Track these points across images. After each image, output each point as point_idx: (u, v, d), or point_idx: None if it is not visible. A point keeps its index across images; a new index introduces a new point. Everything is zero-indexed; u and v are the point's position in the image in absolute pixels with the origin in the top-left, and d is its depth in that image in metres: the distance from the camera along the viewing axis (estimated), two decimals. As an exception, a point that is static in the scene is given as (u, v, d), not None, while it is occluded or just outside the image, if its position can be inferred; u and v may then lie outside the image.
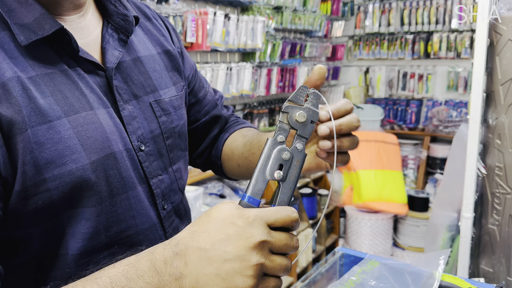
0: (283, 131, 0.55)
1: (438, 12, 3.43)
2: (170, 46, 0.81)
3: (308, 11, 3.26)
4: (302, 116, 0.55)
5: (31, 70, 0.57)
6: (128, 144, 0.64)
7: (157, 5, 2.04)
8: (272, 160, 0.53)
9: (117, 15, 0.69)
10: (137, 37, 0.75)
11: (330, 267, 0.86)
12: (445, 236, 1.82)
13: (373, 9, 3.72)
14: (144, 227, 0.66)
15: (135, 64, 0.71)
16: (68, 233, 0.59)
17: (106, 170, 0.60)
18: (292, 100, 0.56)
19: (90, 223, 0.60)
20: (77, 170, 0.57)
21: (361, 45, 3.88)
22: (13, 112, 0.53)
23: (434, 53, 3.50)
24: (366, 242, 3.06)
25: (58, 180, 0.56)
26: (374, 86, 3.85)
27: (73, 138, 0.58)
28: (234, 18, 2.41)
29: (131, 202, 0.64)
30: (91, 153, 0.59)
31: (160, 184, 0.69)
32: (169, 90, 0.76)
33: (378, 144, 3.24)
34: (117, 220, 0.63)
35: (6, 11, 0.57)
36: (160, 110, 0.72)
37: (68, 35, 0.60)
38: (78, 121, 0.59)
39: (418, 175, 3.50)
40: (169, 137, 0.73)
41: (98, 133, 0.60)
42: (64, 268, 0.60)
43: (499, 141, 1.28)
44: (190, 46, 2.24)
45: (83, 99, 0.61)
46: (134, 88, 0.69)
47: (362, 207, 3.07)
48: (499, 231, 1.28)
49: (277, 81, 2.98)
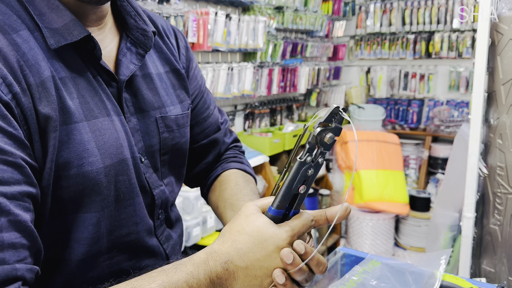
0: (311, 150, 0.60)
1: (439, 12, 3.42)
2: (178, 65, 0.82)
3: (309, 11, 3.26)
4: (331, 139, 0.59)
5: (61, 71, 0.60)
6: (135, 152, 0.67)
7: (158, 5, 2.04)
8: (299, 178, 0.58)
9: (137, 30, 0.71)
10: (150, 54, 0.77)
11: (331, 267, 0.86)
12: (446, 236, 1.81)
13: (374, 9, 3.72)
14: (144, 234, 0.69)
15: (145, 80, 0.73)
16: (73, 238, 0.61)
17: (117, 175, 0.63)
18: (324, 122, 0.60)
19: (96, 228, 0.62)
20: (92, 172, 0.60)
21: (363, 45, 3.88)
22: (50, 110, 0.56)
23: (435, 53, 3.50)
24: (368, 242, 3.05)
25: (72, 180, 0.58)
26: (375, 86, 3.85)
27: (91, 142, 0.60)
28: (235, 18, 2.41)
29: (135, 208, 0.67)
30: (106, 158, 0.61)
31: (162, 195, 0.73)
32: (175, 108, 0.77)
33: (379, 144, 3.23)
34: (119, 225, 0.65)
35: (38, 15, 0.60)
36: (164, 127, 0.74)
37: (93, 42, 0.63)
38: (96, 125, 0.62)
39: (420, 175, 3.50)
40: (166, 153, 0.75)
41: (113, 139, 0.63)
42: (67, 273, 0.62)
43: (500, 141, 1.28)
44: (192, 46, 2.25)
45: (101, 105, 0.64)
46: (142, 102, 0.71)
47: (363, 207, 3.07)
48: (501, 231, 1.28)
49: (278, 81, 2.98)
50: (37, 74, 0.56)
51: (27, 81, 0.55)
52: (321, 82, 3.59)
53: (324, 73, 3.62)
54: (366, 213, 3.07)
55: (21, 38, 0.57)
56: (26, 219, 0.51)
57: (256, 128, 2.96)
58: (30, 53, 0.57)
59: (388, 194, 3.03)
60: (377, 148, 3.21)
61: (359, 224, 3.08)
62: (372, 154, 3.17)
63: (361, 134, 3.28)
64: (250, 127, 2.94)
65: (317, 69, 3.47)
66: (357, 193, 3.10)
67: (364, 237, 3.06)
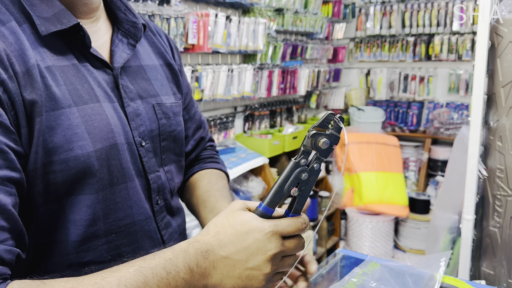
0: (306, 154, 0.61)
1: (439, 14, 3.43)
2: (172, 61, 0.87)
3: (309, 13, 3.26)
4: (325, 144, 0.60)
5: (48, 61, 0.62)
6: (130, 138, 0.69)
7: (159, 7, 2.05)
8: (291, 179, 0.60)
9: (127, 22, 0.76)
10: (143, 47, 0.81)
11: (331, 269, 0.86)
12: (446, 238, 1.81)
13: (374, 11, 3.72)
14: (140, 218, 0.70)
15: (139, 71, 0.77)
16: (70, 220, 0.62)
17: (108, 159, 0.64)
18: (318, 126, 0.61)
19: (91, 210, 0.63)
20: (82, 156, 0.61)
21: (362, 47, 3.88)
22: (36, 96, 0.58)
23: (435, 55, 3.50)
24: (367, 244, 3.05)
25: (64, 164, 0.60)
26: (375, 88, 3.85)
27: (81, 126, 0.62)
28: (235, 20, 2.42)
29: (129, 192, 0.68)
30: (96, 142, 0.63)
31: (157, 180, 0.74)
32: (169, 97, 0.81)
33: (379, 146, 3.23)
34: (115, 209, 0.66)
35: (29, 5, 0.63)
36: (161, 113, 0.77)
37: (83, 31, 0.66)
38: (86, 111, 0.63)
39: (419, 177, 3.50)
40: (165, 139, 0.78)
41: (103, 124, 0.65)
42: (65, 255, 0.63)
43: (500, 143, 1.27)
44: (192, 48, 2.25)
45: (91, 91, 0.65)
46: (139, 89, 0.75)
47: (363, 209, 3.07)
48: (500, 233, 1.28)
49: (278, 83, 2.98)
50: (22, 63, 0.58)
51: (13, 69, 0.57)
52: (321, 84, 3.59)
53: (324, 75, 3.62)
54: (365, 215, 3.07)
55: (8, 30, 0.59)
56: (7, 202, 0.52)
57: (256, 130, 2.96)
58: (17, 44, 0.59)
59: (387, 196, 3.03)
60: (377, 150, 3.21)
61: (359, 226, 3.08)
62: (372, 156, 3.17)
63: (360, 136, 3.28)
64: (250, 129, 2.94)
65: (317, 71, 3.47)
66: (356, 195, 3.10)
67: (364, 239, 3.06)
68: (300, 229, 0.61)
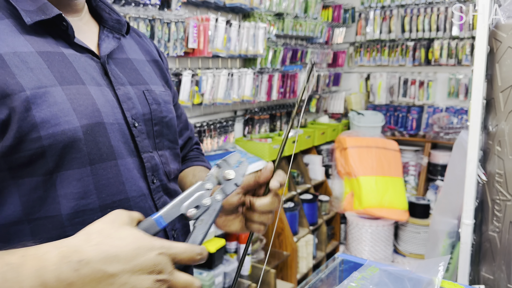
0: (211, 181, 0.64)
1: (439, 19, 3.44)
2: (158, 59, 0.91)
3: (309, 17, 3.27)
4: (230, 175, 0.64)
5: (31, 47, 0.66)
6: (120, 119, 0.71)
7: (159, 11, 2.06)
8: (193, 198, 0.61)
9: (111, 20, 0.81)
10: (129, 44, 0.86)
11: (330, 273, 0.86)
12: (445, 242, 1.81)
13: (374, 16, 3.74)
14: (134, 195, 0.71)
15: (127, 62, 0.81)
16: (60, 195, 0.64)
17: (95, 136, 0.66)
18: (226, 161, 0.65)
19: (81, 183, 0.65)
20: (69, 130, 0.63)
21: (362, 52, 3.89)
22: (6, 76, 0.60)
23: (435, 60, 3.51)
24: (367, 248, 3.05)
25: (52, 138, 0.62)
26: (375, 92, 3.86)
27: (66, 103, 0.64)
28: (235, 25, 2.43)
29: (120, 169, 0.69)
30: (82, 118, 0.65)
31: (151, 160, 0.76)
32: (158, 86, 0.84)
33: (379, 150, 3.24)
34: (107, 184, 0.68)
35: (15, 1, 0.67)
36: (151, 99, 0.80)
37: (66, 22, 0.69)
38: (71, 90, 0.66)
39: (419, 182, 3.50)
40: (157, 124, 0.80)
41: (88, 103, 0.67)
42: (60, 228, 0.64)
43: (499, 147, 1.28)
44: (192, 52, 2.26)
45: (75, 75, 0.68)
46: (128, 77, 0.78)
47: (362, 213, 3.07)
48: (500, 238, 1.28)
49: (278, 87, 2.99)
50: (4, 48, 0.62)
51: None
52: (321, 88, 3.60)
53: (324, 79, 3.63)
54: (365, 219, 3.07)
55: None
56: None
57: (255, 134, 2.96)
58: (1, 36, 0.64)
59: (387, 200, 3.03)
60: (377, 155, 3.21)
61: (358, 230, 3.08)
62: (372, 160, 3.18)
63: (360, 140, 3.29)
64: (250, 133, 2.95)
65: (317, 76, 3.48)
66: (356, 199, 3.10)
67: (363, 243, 3.05)
68: (195, 259, 0.56)
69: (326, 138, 3.47)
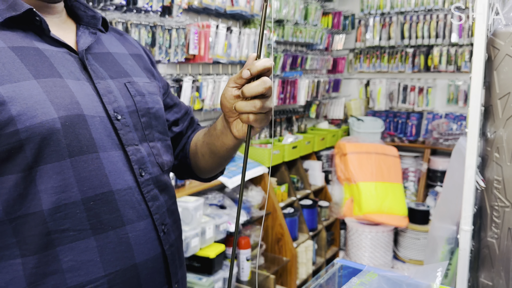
0: None
1: (438, 26, 3.47)
2: (142, 53, 0.91)
3: (309, 24, 3.30)
4: None
5: (2, 43, 0.65)
6: (101, 112, 0.71)
7: (160, 18, 2.07)
8: None
9: (87, 17, 0.81)
10: (110, 39, 0.86)
11: (329, 279, 0.87)
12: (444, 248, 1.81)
13: (373, 22, 3.76)
14: (119, 188, 0.70)
15: (108, 56, 0.81)
16: (40, 190, 0.63)
17: (74, 128, 0.66)
18: None
19: (61, 176, 0.64)
20: (47, 122, 0.63)
21: (362, 58, 3.91)
22: None
23: (434, 66, 3.53)
24: (367, 254, 3.04)
25: (29, 131, 0.62)
26: (374, 98, 3.88)
27: (42, 95, 0.64)
28: (236, 31, 2.44)
29: (102, 162, 0.69)
30: (60, 109, 0.64)
31: (136, 153, 0.74)
32: (141, 78, 0.83)
33: (378, 156, 3.24)
34: (89, 176, 0.67)
35: None
36: (134, 91, 0.79)
37: (38, 16, 0.69)
38: (47, 83, 0.65)
39: (419, 188, 3.50)
40: (144, 115, 0.79)
41: (66, 95, 0.66)
42: (41, 224, 0.64)
43: (497, 154, 1.29)
44: (193, 58, 2.27)
45: (52, 69, 0.68)
46: (108, 71, 0.77)
47: (362, 219, 3.07)
48: (498, 244, 1.29)
49: (278, 93, 3.00)
50: None
51: None
52: (321, 94, 3.61)
53: (324, 85, 3.65)
54: (365, 225, 3.07)
55: None
56: None
57: (255, 139, 2.97)
58: None
59: (387, 206, 3.04)
60: (376, 161, 3.22)
61: (358, 236, 3.08)
62: (371, 166, 3.18)
63: (360, 146, 3.30)
64: (250, 139, 2.96)
65: (316, 82, 3.49)
66: (356, 205, 3.10)
67: (363, 249, 3.05)
68: None
69: (326, 143, 3.48)
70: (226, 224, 2.21)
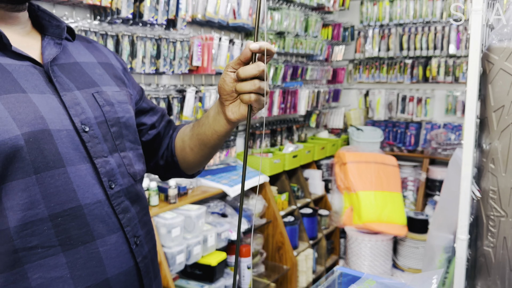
0: None
1: (436, 38, 3.52)
2: (113, 62, 0.89)
3: (309, 36, 3.35)
4: None
5: None
6: (68, 125, 0.69)
7: (165, 31, 2.12)
8: None
9: (51, 27, 0.79)
10: (78, 48, 0.83)
11: (328, 286, 0.89)
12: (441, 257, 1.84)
13: (373, 34, 3.82)
14: (87, 202, 0.69)
15: (75, 67, 0.78)
16: (6, 208, 0.62)
17: (39, 143, 0.64)
18: None
19: (27, 193, 0.63)
20: (10, 140, 0.61)
21: (361, 69, 3.97)
22: None
23: (432, 77, 3.58)
24: (366, 263, 3.06)
25: None
26: (374, 108, 3.92)
27: (4, 112, 0.62)
28: (238, 43, 2.49)
29: (69, 176, 0.67)
30: (23, 126, 0.63)
31: (105, 165, 0.73)
32: (111, 87, 0.82)
33: (378, 166, 3.27)
34: (56, 192, 0.66)
35: None
36: (103, 101, 0.77)
37: None
38: (9, 99, 0.63)
39: (418, 197, 3.53)
40: (114, 125, 0.78)
41: (30, 111, 0.65)
42: (8, 242, 0.63)
43: (492, 165, 1.32)
44: (196, 70, 2.32)
45: (15, 84, 0.66)
46: (75, 82, 0.75)
47: (362, 228, 3.09)
48: (494, 253, 1.31)
49: (279, 103, 3.05)
50: None
51: None
52: (321, 104, 3.66)
53: (324, 95, 3.69)
54: (364, 234, 3.09)
55: None
56: None
57: (256, 149, 3.01)
58: None
59: (386, 215, 3.06)
60: (376, 170, 3.25)
61: (358, 245, 3.10)
62: (371, 175, 3.21)
63: (359, 155, 3.33)
64: (251, 148, 2.99)
65: (316, 92, 3.54)
66: (355, 214, 3.12)
67: (363, 258, 3.07)
68: None
69: (326, 153, 3.52)
70: (227, 232, 2.24)
